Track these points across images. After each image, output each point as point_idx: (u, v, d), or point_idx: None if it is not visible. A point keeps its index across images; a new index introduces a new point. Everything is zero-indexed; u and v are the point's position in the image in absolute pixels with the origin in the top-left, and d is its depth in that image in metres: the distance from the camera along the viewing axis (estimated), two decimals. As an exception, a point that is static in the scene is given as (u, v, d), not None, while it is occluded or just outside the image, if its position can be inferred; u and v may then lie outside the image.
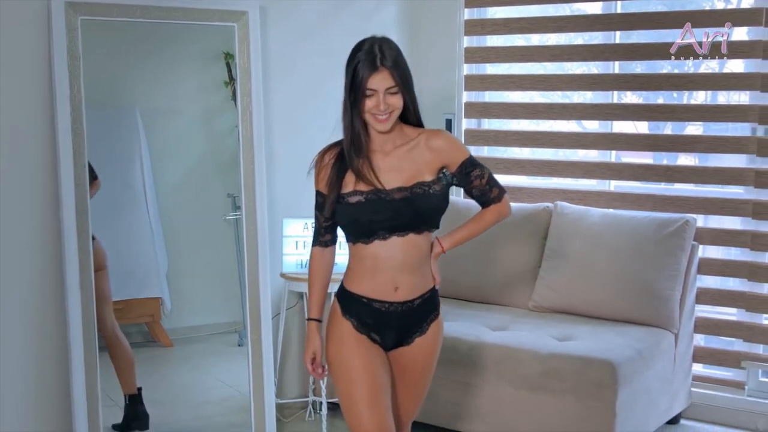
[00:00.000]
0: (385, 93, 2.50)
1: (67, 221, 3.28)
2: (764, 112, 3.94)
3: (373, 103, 2.51)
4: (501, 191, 2.70)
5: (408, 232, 2.56)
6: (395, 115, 2.54)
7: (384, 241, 2.55)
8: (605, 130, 4.42)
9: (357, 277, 2.62)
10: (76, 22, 3.31)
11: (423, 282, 2.63)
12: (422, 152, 2.60)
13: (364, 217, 2.53)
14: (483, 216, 2.73)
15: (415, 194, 2.55)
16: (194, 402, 3.85)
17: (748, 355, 4.08)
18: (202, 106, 4.04)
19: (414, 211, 2.54)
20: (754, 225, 4.02)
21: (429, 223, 2.59)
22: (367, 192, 2.55)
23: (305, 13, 4.14)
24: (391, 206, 2.53)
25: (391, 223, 2.53)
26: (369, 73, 2.49)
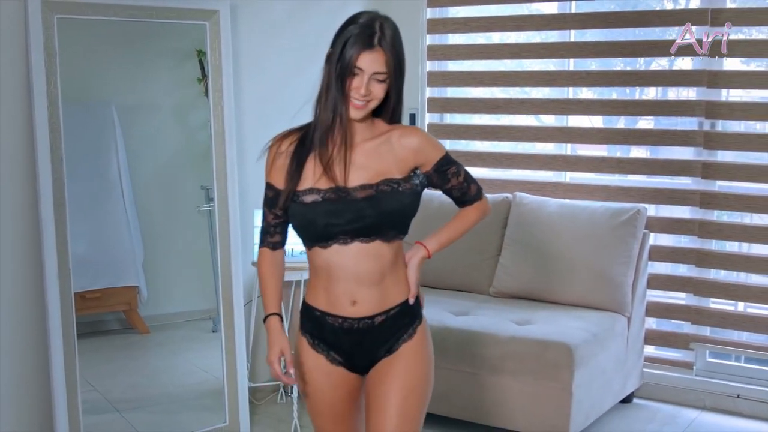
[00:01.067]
0: (371, 77, 2.15)
1: (45, 213, 3.27)
2: (710, 107, 4.06)
3: (354, 84, 2.15)
4: (479, 188, 2.41)
5: (374, 238, 2.20)
6: (372, 105, 2.19)
7: (344, 246, 2.19)
8: (561, 124, 4.52)
9: (314, 288, 2.28)
10: (52, 21, 3.30)
11: (388, 296, 2.25)
12: (393, 149, 2.25)
13: (320, 220, 2.17)
14: (466, 214, 2.42)
15: (381, 192, 2.20)
16: (170, 386, 3.85)
17: (696, 337, 4.21)
18: (176, 102, 4.03)
19: (379, 211, 2.18)
20: (701, 214, 4.14)
21: (397, 226, 2.23)
22: (326, 191, 2.18)
23: (274, 12, 4.16)
24: (353, 207, 2.17)
25: (353, 227, 2.18)
26: (361, 49, 2.14)
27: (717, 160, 4.12)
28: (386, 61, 2.15)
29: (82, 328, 3.47)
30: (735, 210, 4.14)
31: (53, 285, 3.31)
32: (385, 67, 2.15)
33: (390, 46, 2.15)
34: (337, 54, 2.16)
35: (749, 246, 4.19)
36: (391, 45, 2.16)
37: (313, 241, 2.22)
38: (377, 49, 2.14)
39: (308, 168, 2.22)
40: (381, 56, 2.14)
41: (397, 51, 2.18)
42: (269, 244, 2.33)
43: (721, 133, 4.11)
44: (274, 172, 2.26)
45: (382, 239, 2.21)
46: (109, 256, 3.83)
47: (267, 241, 2.34)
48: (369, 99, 2.17)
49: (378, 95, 2.18)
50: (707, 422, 4.05)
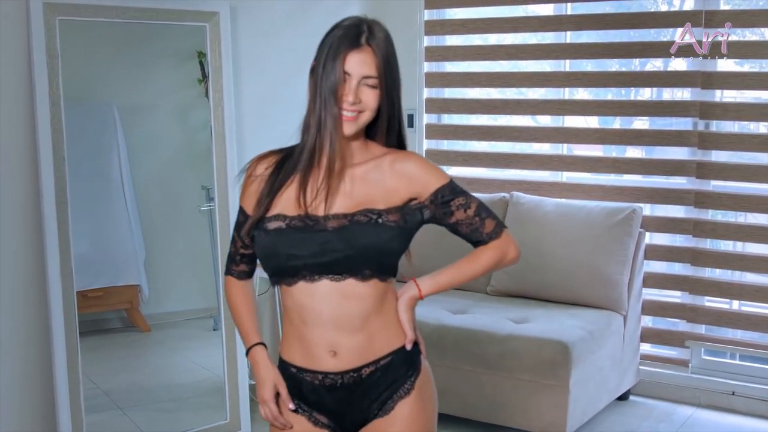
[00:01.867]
0: (360, 82, 1.85)
1: (47, 212, 3.29)
2: (704, 107, 4.09)
3: (340, 91, 1.85)
4: (498, 224, 1.98)
5: (345, 275, 1.85)
6: (364, 118, 1.87)
7: (311, 284, 1.86)
8: (557, 124, 4.55)
9: (287, 339, 1.95)
10: (54, 22, 3.31)
11: (375, 343, 1.91)
12: (384, 176, 1.92)
13: (282, 250, 1.86)
14: (478, 256, 1.99)
15: (355, 223, 1.85)
16: (171, 384, 3.88)
17: (691, 335, 4.23)
18: (177, 103, 4.04)
19: (349, 246, 1.83)
20: (696, 213, 4.17)
21: (372, 265, 1.86)
22: (292, 217, 1.88)
23: (273, 13, 4.19)
24: (319, 238, 1.84)
25: (318, 261, 1.84)
26: (347, 49, 1.85)
27: (711, 160, 4.16)
28: (376, 63, 1.86)
29: (84, 326, 3.48)
30: (729, 209, 4.17)
31: (56, 284, 3.32)
32: (375, 69, 1.85)
33: (380, 47, 1.87)
34: (321, 62, 1.87)
35: (743, 245, 4.22)
36: (381, 46, 1.87)
37: (278, 277, 1.90)
38: (365, 49, 1.86)
39: (286, 195, 1.91)
40: (370, 57, 1.86)
41: (388, 54, 1.89)
42: (234, 272, 2.07)
43: (716, 134, 4.14)
44: (247, 197, 1.98)
45: (355, 277, 1.86)
46: (110, 255, 3.85)
47: (232, 269, 2.07)
48: (360, 109, 1.86)
49: (370, 104, 1.86)
50: (703, 419, 4.08)
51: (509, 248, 2.00)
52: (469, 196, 1.97)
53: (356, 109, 1.86)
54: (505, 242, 1.99)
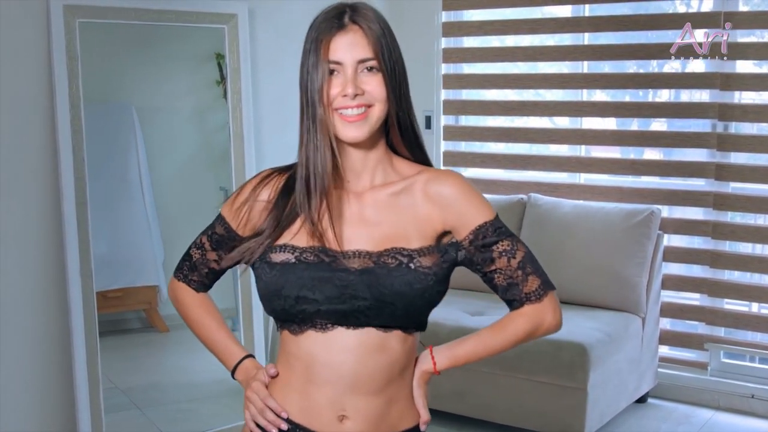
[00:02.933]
0: (357, 69, 1.51)
1: (67, 213, 3.31)
2: (723, 109, 4.08)
3: (336, 87, 1.51)
4: (544, 284, 1.59)
5: (366, 324, 1.52)
6: (375, 113, 1.52)
7: (323, 333, 1.52)
8: (575, 126, 4.54)
9: (283, 383, 1.58)
10: (74, 25, 3.34)
11: (392, 414, 1.57)
12: (415, 201, 1.57)
13: (290, 290, 1.50)
14: (507, 324, 1.61)
15: (382, 266, 1.51)
16: (189, 384, 3.89)
17: (710, 338, 4.21)
18: (195, 104, 4.06)
19: (377, 295, 1.49)
20: (714, 215, 4.15)
21: (399, 319, 1.53)
22: (305, 249, 1.53)
23: (291, 14, 4.20)
24: (341, 280, 1.50)
25: (335, 308, 1.50)
26: (329, 34, 1.51)
27: (730, 161, 4.14)
28: (370, 42, 1.51)
29: (104, 326, 3.50)
30: (748, 211, 4.15)
31: (75, 284, 3.34)
32: (370, 50, 1.51)
33: (370, 23, 1.52)
34: (304, 63, 1.54)
35: (763, 247, 4.21)
36: (371, 20, 1.53)
37: (282, 321, 1.57)
38: (351, 28, 1.52)
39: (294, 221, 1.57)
40: (360, 36, 1.51)
41: (382, 30, 1.53)
42: (192, 282, 1.75)
43: (734, 135, 4.13)
44: (235, 212, 1.65)
45: (378, 327, 1.53)
46: (129, 256, 3.87)
47: (190, 278, 1.74)
48: (366, 103, 1.51)
49: (376, 93, 1.52)
50: (721, 422, 4.06)
51: (546, 316, 1.60)
52: (515, 240, 1.59)
53: (362, 103, 1.51)
54: (545, 309, 1.60)
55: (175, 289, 1.77)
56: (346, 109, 1.51)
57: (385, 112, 1.54)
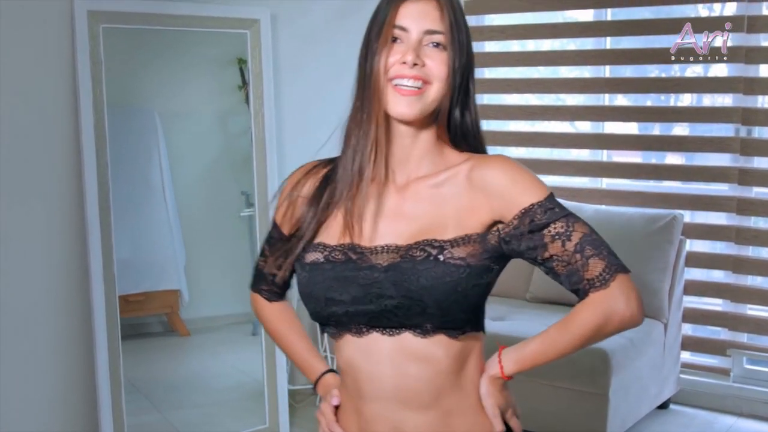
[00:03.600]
0: (422, 41, 1.39)
1: (90, 216, 3.34)
2: (746, 113, 4.06)
3: (396, 55, 1.39)
4: (610, 266, 1.39)
5: (400, 328, 1.40)
6: (433, 93, 1.40)
7: (359, 338, 1.42)
8: (597, 130, 4.53)
9: (343, 405, 1.52)
10: (98, 30, 3.37)
11: (457, 426, 1.45)
12: (459, 190, 1.43)
13: (318, 290, 1.42)
14: (572, 319, 1.41)
15: (408, 260, 1.38)
16: (211, 388, 3.90)
17: (733, 344, 4.19)
18: (217, 109, 4.08)
19: (403, 292, 1.37)
20: (737, 220, 4.13)
21: (435, 318, 1.38)
22: (334, 247, 1.44)
23: (313, 20, 4.22)
24: (365, 277, 1.39)
25: (362, 309, 1.39)
26: (399, 1, 1.41)
27: (754, 166, 4.12)
28: (444, 15, 1.39)
29: (126, 330, 3.52)
30: (772, 216, 4.13)
31: (98, 288, 3.37)
32: (441, 23, 1.39)
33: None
34: (368, 33, 1.45)
35: (787, 252, 4.18)
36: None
37: (321, 325, 1.48)
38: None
39: (335, 219, 1.48)
40: (433, 7, 1.40)
41: (458, 7, 1.43)
42: (263, 292, 1.68)
43: (758, 140, 4.11)
44: (283, 215, 1.57)
45: (413, 331, 1.40)
46: (151, 260, 3.88)
47: (261, 288, 1.68)
48: (424, 78, 1.39)
49: (437, 70, 1.39)
50: (744, 429, 4.03)
51: (616, 304, 1.37)
52: (572, 220, 1.40)
53: (419, 76, 1.38)
54: (613, 295, 1.37)
55: (252, 301, 1.72)
56: (401, 78, 1.39)
57: (442, 93, 1.42)
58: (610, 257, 1.39)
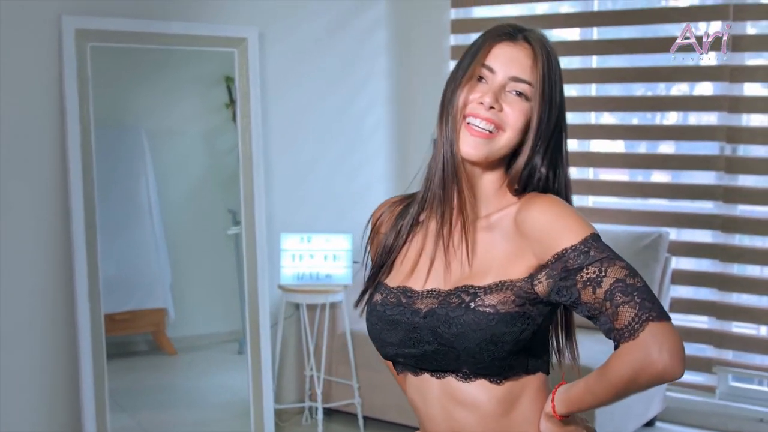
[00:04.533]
0: (506, 86, 1.38)
1: (76, 235, 3.34)
2: (731, 131, 4.07)
3: (476, 93, 1.39)
4: (639, 315, 1.30)
5: (444, 372, 1.41)
6: (502, 140, 1.39)
7: (415, 377, 1.46)
8: (583, 148, 4.53)
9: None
10: (85, 49, 3.38)
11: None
12: (507, 234, 1.41)
13: (374, 331, 1.47)
14: (609, 368, 1.36)
15: (445, 306, 1.38)
16: (197, 407, 3.88)
17: (719, 361, 4.18)
18: (204, 127, 4.09)
19: (438, 338, 1.38)
20: (723, 238, 4.14)
21: (471, 363, 1.38)
22: (391, 290, 1.47)
23: (300, 39, 4.22)
24: (407, 323, 1.42)
25: (409, 352, 1.43)
26: (496, 40, 1.40)
27: (738, 184, 4.14)
28: (533, 65, 1.37)
29: (111, 348, 3.51)
30: (756, 234, 4.14)
31: (84, 306, 3.37)
32: (529, 72, 1.37)
33: (542, 46, 1.40)
34: (457, 68, 1.43)
35: (771, 270, 4.20)
36: (543, 45, 1.40)
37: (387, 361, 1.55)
38: (522, 44, 1.39)
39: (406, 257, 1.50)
40: (526, 55, 1.38)
41: (552, 58, 1.40)
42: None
43: (742, 158, 4.13)
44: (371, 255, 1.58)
45: (455, 376, 1.41)
46: (137, 279, 3.88)
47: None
48: (497, 123, 1.37)
49: (512, 119, 1.38)
50: (730, 446, 4.04)
51: (649, 354, 1.27)
52: (606, 263, 1.33)
53: (493, 120, 1.37)
54: (644, 346, 1.27)
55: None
56: (475, 118, 1.38)
57: (513, 142, 1.40)
58: (643, 304, 1.31)
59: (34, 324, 3.34)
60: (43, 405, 3.38)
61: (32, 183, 3.33)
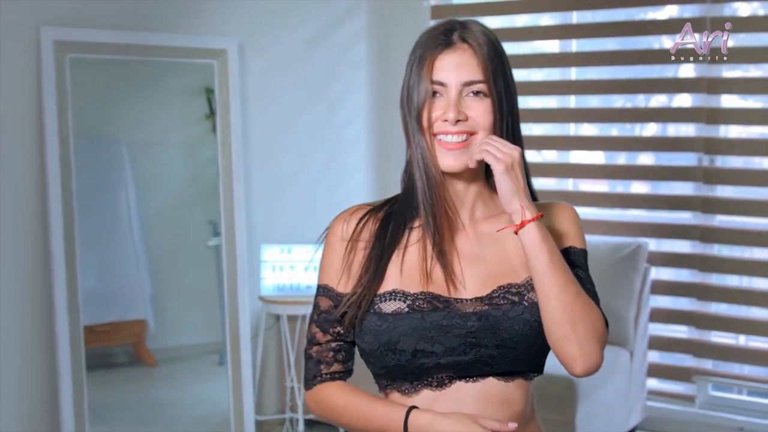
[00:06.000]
0: (462, 92, 1.39)
1: (55, 247, 3.33)
2: (709, 143, 4.10)
3: (438, 110, 1.40)
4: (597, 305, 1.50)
5: (487, 376, 1.41)
6: (478, 140, 1.40)
7: (440, 391, 1.41)
8: (563, 159, 4.55)
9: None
10: (64, 60, 3.38)
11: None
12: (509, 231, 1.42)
13: (406, 343, 1.38)
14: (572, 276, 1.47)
15: (496, 308, 1.40)
16: (177, 419, 3.87)
17: (698, 370, 4.19)
18: (184, 138, 4.09)
19: (500, 342, 1.39)
20: (701, 248, 4.15)
21: (526, 362, 1.42)
22: (417, 296, 1.41)
23: (281, 50, 4.23)
24: (460, 328, 1.38)
25: (457, 360, 1.38)
26: (435, 51, 1.39)
27: (716, 195, 4.16)
28: (480, 63, 1.38)
29: (91, 360, 3.51)
30: (735, 244, 4.16)
31: (63, 318, 3.36)
32: (480, 71, 1.38)
33: (481, 42, 1.39)
34: (405, 81, 1.44)
35: (750, 279, 4.21)
36: (482, 40, 1.40)
37: (391, 380, 1.44)
38: (460, 46, 1.39)
39: (404, 264, 1.45)
40: (469, 55, 1.39)
41: (495, 49, 1.41)
42: (326, 377, 1.49)
43: (720, 169, 4.16)
44: (331, 269, 1.47)
45: (498, 377, 1.42)
46: (117, 290, 3.87)
47: (322, 374, 1.49)
48: (469, 130, 1.39)
49: (481, 120, 1.40)
50: (710, 455, 4.06)
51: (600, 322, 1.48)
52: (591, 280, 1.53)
53: (463, 130, 1.39)
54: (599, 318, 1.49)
55: (312, 396, 1.52)
56: (445, 135, 1.40)
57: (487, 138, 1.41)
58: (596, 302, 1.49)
59: (13, 336, 3.33)
60: (22, 417, 3.37)
61: (10, 195, 3.32)
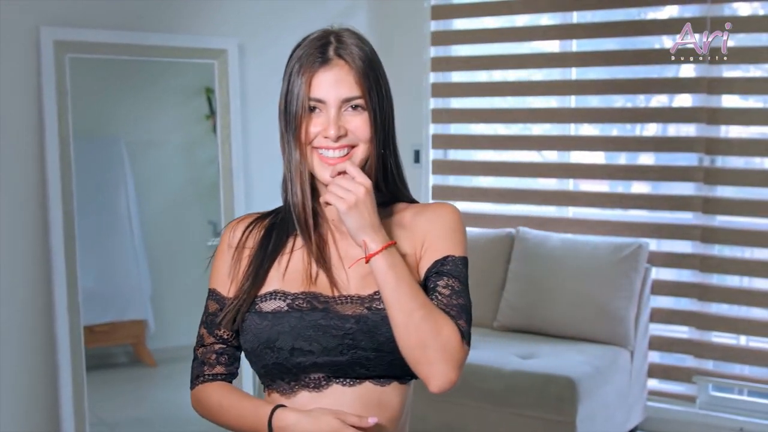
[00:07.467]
0: (341, 108, 1.41)
1: (55, 247, 3.33)
2: (709, 143, 4.11)
3: (318, 126, 1.42)
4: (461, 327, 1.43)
5: (364, 379, 1.43)
6: (359, 154, 1.43)
7: (317, 393, 1.42)
8: (563, 160, 4.56)
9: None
10: (64, 60, 3.38)
11: None
12: (402, 236, 1.48)
13: (284, 341, 1.40)
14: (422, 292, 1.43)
15: (375, 312, 1.41)
16: (177, 420, 3.82)
17: (698, 371, 4.20)
18: (184, 138, 4.09)
19: (375, 344, 1.40)
20: (702, 248, 4.16)
21: (402, 366, 1.42)
22: (297, 295, 1.44)
23: (281, 50, 4.09)
24: (336, 328, 1.40)
25: (332, 359, 1.39)
26: (312, 69, 1.41)
27: (717, 195, 4.16)
28: (356, 78, 1.40)
29: (91, 360, 3.50)
30: (736, 244, 4.17)
31: (63, 318, 3.36)
32: (356, 87, 1.40)
33: (356, 57, 1.42)
34: (283, 95, 1.45)
35: (750, 279, 4.21)
36: (357, 54, 1.42)
37: (270, 379, 1.45)
38: (337, 63, 1.41)
39: (286, 266, 1.48)
40: (345, 72, 1.41)
41: (369, 63, 1.43)
42: (207, 377, 1.52)
43: (721, 169, 4.16)
44: (220, 275, 1.54)
45: (373, 381, 1.43)
46: (117, 290, 3.87)
47: (204, 374, 1.52)
48: (350, 144, 1.42)
49: (360, 133, 1.42)
50: (711, 456, 4.06)
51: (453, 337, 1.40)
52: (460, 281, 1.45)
53: (344, 144, 1.42)
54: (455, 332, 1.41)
55: (193, 399, 1.56)
56: (327, 150, 1.42)
57: (369, 152, 1.44)
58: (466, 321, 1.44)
59: (13, 336, 3.32)
60: (22, 417, 3.36)
61: (10, 195, 3.31)
